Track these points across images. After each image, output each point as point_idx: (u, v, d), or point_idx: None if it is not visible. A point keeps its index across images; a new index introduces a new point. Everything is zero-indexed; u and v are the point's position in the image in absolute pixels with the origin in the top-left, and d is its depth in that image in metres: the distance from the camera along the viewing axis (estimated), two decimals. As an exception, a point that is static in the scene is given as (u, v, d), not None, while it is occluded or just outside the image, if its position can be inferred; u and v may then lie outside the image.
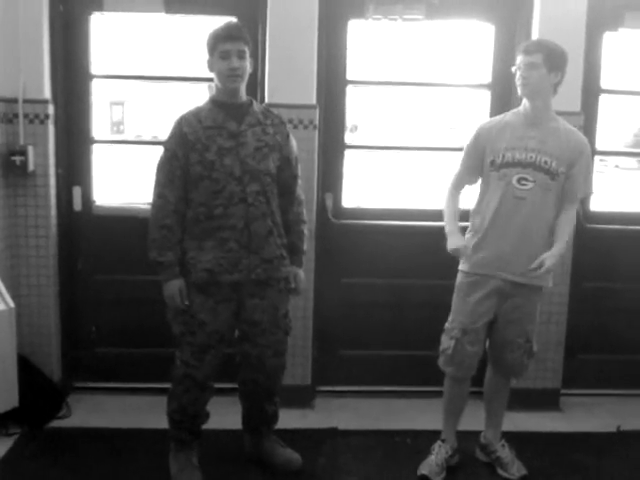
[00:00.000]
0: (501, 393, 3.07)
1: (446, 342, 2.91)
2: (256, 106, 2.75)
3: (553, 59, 2.71)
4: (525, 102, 2.80)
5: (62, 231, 3.52)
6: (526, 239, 2.79)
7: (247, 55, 2.62)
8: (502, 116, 2.90)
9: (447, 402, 3.04)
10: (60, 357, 3.57)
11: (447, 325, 2.94)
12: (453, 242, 2.79)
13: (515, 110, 2.87)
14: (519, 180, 2.75)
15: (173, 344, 2.77)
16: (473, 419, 3.22)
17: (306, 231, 2.89)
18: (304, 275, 2.91)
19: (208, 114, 2.66)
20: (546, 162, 2.74)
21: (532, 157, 2.75)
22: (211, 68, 2.65)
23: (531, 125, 2.79)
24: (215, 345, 2.72)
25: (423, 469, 2.94)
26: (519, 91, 2.78)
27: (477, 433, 3.13)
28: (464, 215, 2.97)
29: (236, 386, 2.96)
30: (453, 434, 3.05)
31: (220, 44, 2.58)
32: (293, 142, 2.82)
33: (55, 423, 3.33)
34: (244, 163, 2.63)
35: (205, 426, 2.91)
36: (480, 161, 2.86)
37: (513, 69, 2.79)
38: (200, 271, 2.65)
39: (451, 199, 2.94)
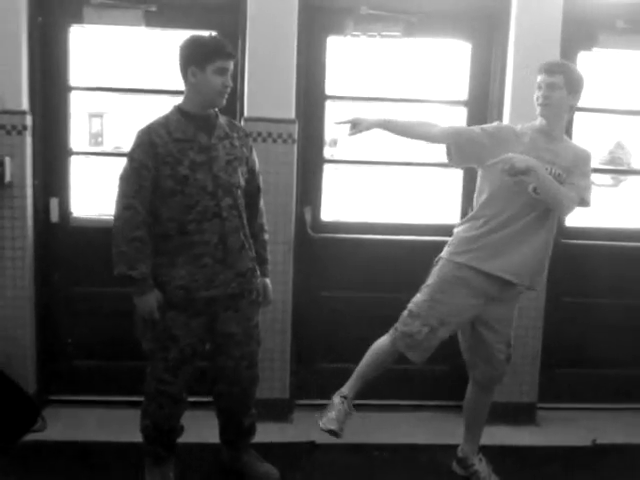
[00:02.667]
0: (482, 407, 3.07)
1: (416, 327, 2.80)
2: (221, 118, 2.73)
3: (573, 81, 2.76)
4: (542, 121, 2.82)
5: (39, 242, 3.49)
6: (532, 245, 2.80)
7: None
8: (520, 126, 2.88)
9: (368, 367, 2.91)
10: (36, 369, 3.54)
11: (415, 309, 2.84)
12: None
13: (529, 124, 2.87)
14: (534, 189, 2.74)
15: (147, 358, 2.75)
16: (450, 433, 3.24)
17: (267, 238, 2.93)
18: (271, 285, 2.94)
19: (177, 125, 2.61)
20: (560, 175, 2.77)
21: (548, 169, 2.76)
22: (194, 78, 2.58)
23: (549, 140, 2.81)
24: (188, 359, 2.70)
25: (330, 424, 2.80)
26: (538, 110, 2.79)
27: (454, 447, 3.13)
28: (449, 229, 3.00)
29: (212, 399, 2.94)
30: (356, 392, 2.90)
31: (219, 60, 2.55)
32: (255, 154, 2.85)
33: (30, 436, 3.28)
34: (216, 177, 2.62)
35: (182, 440, 2.89)
36: (481, 143, 2.82)
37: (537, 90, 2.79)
38: (175, 288, 2.61)
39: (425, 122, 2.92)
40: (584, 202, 2.84)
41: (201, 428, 3.06)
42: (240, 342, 2.77)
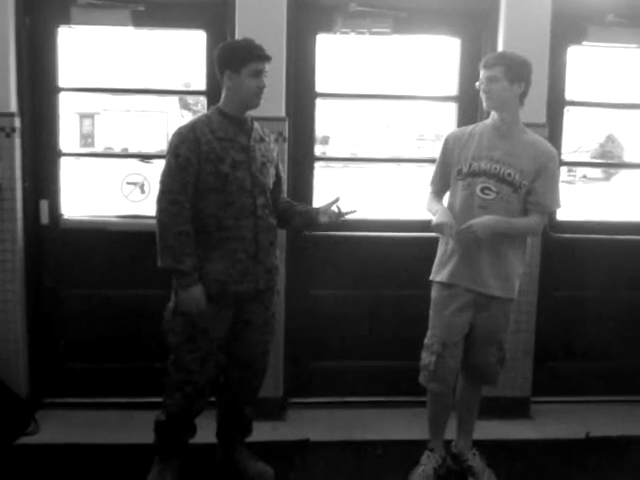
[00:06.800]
0: (472, 402, 3.10)
1: (427, 358, 2.89)
2: (255, 123, 2.81)
3: (514, 70, 2.75)
4: (493, 114, 2.84)
5: (29, 245, 3.47)
6: (492, 251, 2.82)
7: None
8: (473, 126, 2.93)
9: (432, 416, 3.04)
10: (28, 372, 3.52)
11: (426, 341, 2.93)
12: (438, 218, 2.78)
13: (485, 121, 2.91)
14: (482, 189, 2.78)
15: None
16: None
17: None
18: None
19: (219, 125, 2.68)
20: (509, 174, 2.77)
21: (496, 168, 2.78)
22: (230, 81, 2.66)
23: (499, 136, 2.82)
24: (215, 351, 2.75)
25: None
26: (484, 105, 2.83)
27: (448, 442, 3.14)
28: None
29: (211, 399, 2.94)
30: (441, 444, 3.06)
31: (253, 63, 2.63)
32: (279, 158, 2.96)
33: (23, 440, 3.27)
34: (254, 177, 2.70)
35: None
36: (449, 168, 2.90)
37: (477, 84, 2.84)
38: (211, 281, 2.68)
39: (433, 197, 2.99)
40: (553, 205, 2.85)
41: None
42: (257, 330, 2.84)
